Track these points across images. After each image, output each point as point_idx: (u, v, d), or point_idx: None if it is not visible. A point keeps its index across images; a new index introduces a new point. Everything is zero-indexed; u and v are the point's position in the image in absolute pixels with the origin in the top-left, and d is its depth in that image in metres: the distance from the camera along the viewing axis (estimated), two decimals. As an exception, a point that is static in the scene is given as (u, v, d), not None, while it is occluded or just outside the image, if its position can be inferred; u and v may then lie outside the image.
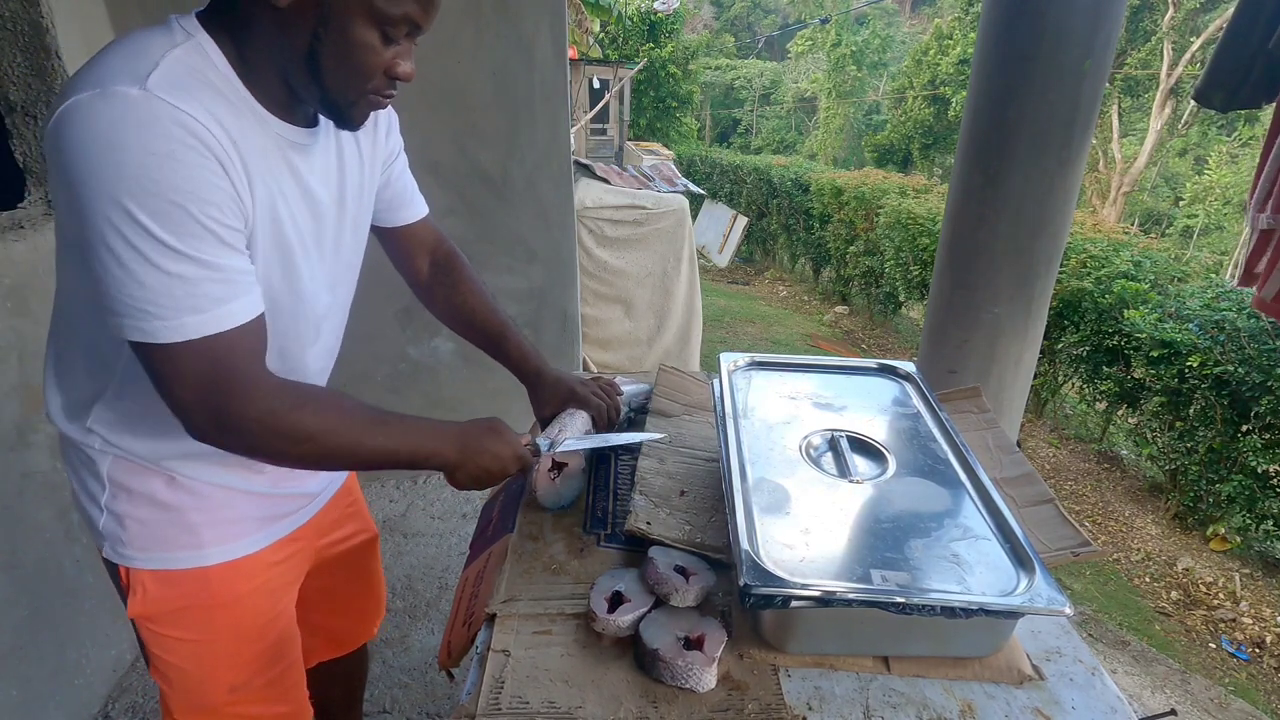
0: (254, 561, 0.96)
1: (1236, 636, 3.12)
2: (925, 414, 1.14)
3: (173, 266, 0.68)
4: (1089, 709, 0.80)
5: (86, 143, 0.65)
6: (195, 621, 0.93)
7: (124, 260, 0.66)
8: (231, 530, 0.93)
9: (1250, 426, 3.56)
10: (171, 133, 0.66)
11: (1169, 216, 15.29)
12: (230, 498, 0.93)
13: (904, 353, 7.04)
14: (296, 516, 1.04)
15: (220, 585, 0.93)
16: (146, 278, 0.67)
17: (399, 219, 1.12)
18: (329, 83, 0.76)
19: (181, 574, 0.90)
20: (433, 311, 1.22)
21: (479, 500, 2.80)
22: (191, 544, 0.90)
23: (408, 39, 0.78)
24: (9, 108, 1.73)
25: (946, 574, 0.81)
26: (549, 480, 1.06)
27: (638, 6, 16.94)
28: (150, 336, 0.69)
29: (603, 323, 3.85)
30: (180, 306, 0.69)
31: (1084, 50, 2.02)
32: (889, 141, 17.49)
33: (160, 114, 0.66)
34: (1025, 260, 2.25)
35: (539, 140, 2.54)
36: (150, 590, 0.90)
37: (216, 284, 0.71)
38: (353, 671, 1.42)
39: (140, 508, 0.88)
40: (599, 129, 15.62)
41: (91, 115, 0.65)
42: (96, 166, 0.65)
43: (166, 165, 0.66)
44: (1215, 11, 11.71)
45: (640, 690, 0.78)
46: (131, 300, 0.68)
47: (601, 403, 1.16)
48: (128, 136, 0.65)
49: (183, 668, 0.95)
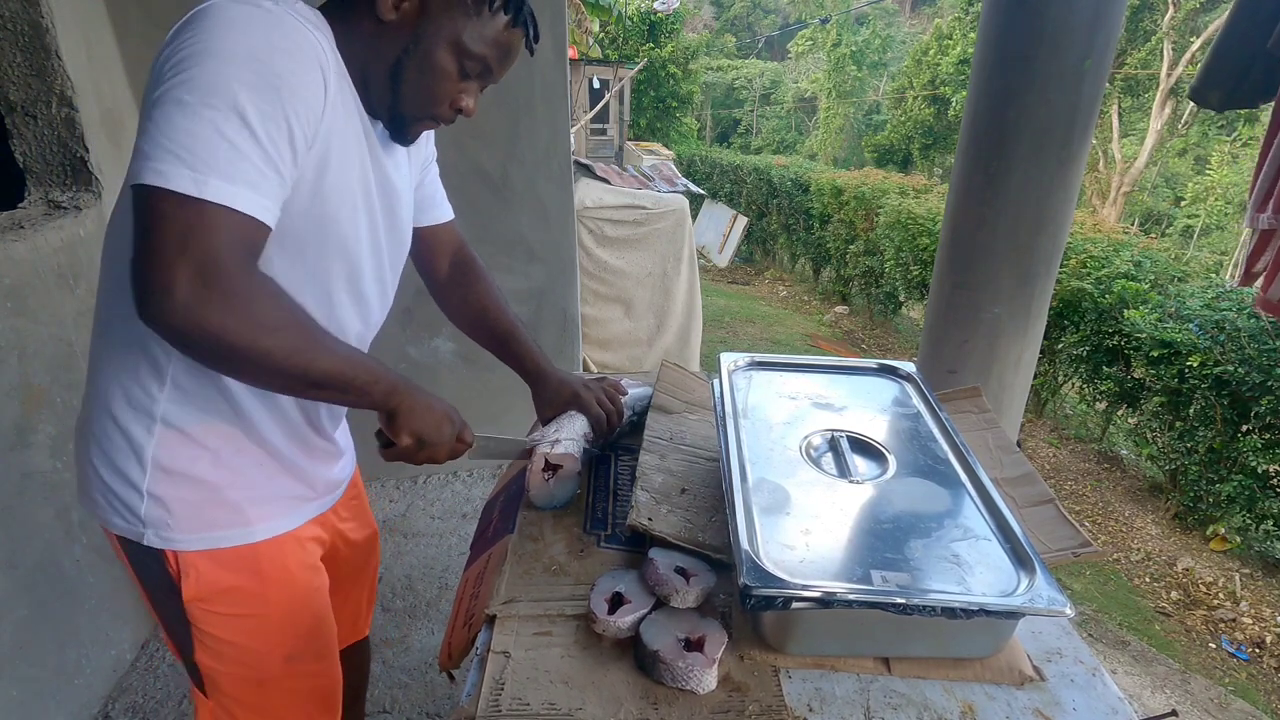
0: (295, 538, 0.99)
1: (1236, 636, 3.12)
2: (925, 414, 1.14)
3: (234, 134, 0.68)
4: (1090, 710, 0.80)
5: (213, 24, 0.69)
6: (250, 598, 0.94)
7: (193, 112, 0.66)
8: (272, 508, 0.95)
9: (1250, 426, 3.56)
10: (293, 36, 0.72)
11: (1169, 216, 15.28)
12: (269, 475, 0.94)
13: (904, 353, 7.04)
14: (323, 501, 1.06)
15: (270, 561, 0.95)
16: (199, 129, 0.66)
17: (426, 220, 1.16)
18: (404, 94, 0.85)
19: (232, 552, 0.91)
20: (445, 311, 1.25)
21: (479, 500, 2.80)
22: (239, 521, 0.91)
23: (479, 79, 0.89)
24: (9, 108, 1.73)
25: (947, 575, 0.81)
26: (542, 480, 1.06)
27: (638, 6, 16.94)
28: (167, 181, 0.65)
29: (603, 323, 3.85)
30: (215, 167, 0.67)
31: (1084, 50, 2.02)
32: (889, 141, 17.48)
33: (292, 25, 0.73)
34: (1025, 260, 2.25)
35: (539, 140, 2.54)
36: (204, 571, 0.90)
37: (259, 172, 0.70)
38: (358, 666, 1.42)
39: (184, 489, 0.88)
40: (599, 129, 15.61)
41: (228, 10, 0.70)
42: (214, 38, 0.68)
43: (280, 55, 0.71)
44: (1215, 11, 11.70)
45: (640, 691, 0.78)
46: (169, 144, 0.66)
47: (602, 411, 1.18)
48: (254, 26, 0.70)
49: (239, 643, 0.96)
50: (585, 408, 1.17)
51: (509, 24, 0.85)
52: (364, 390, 0.83)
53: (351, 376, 0.81)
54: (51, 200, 1.80)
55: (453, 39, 0.82)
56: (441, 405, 0.93)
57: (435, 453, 0.93)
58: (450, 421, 0.94)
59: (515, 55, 0.89)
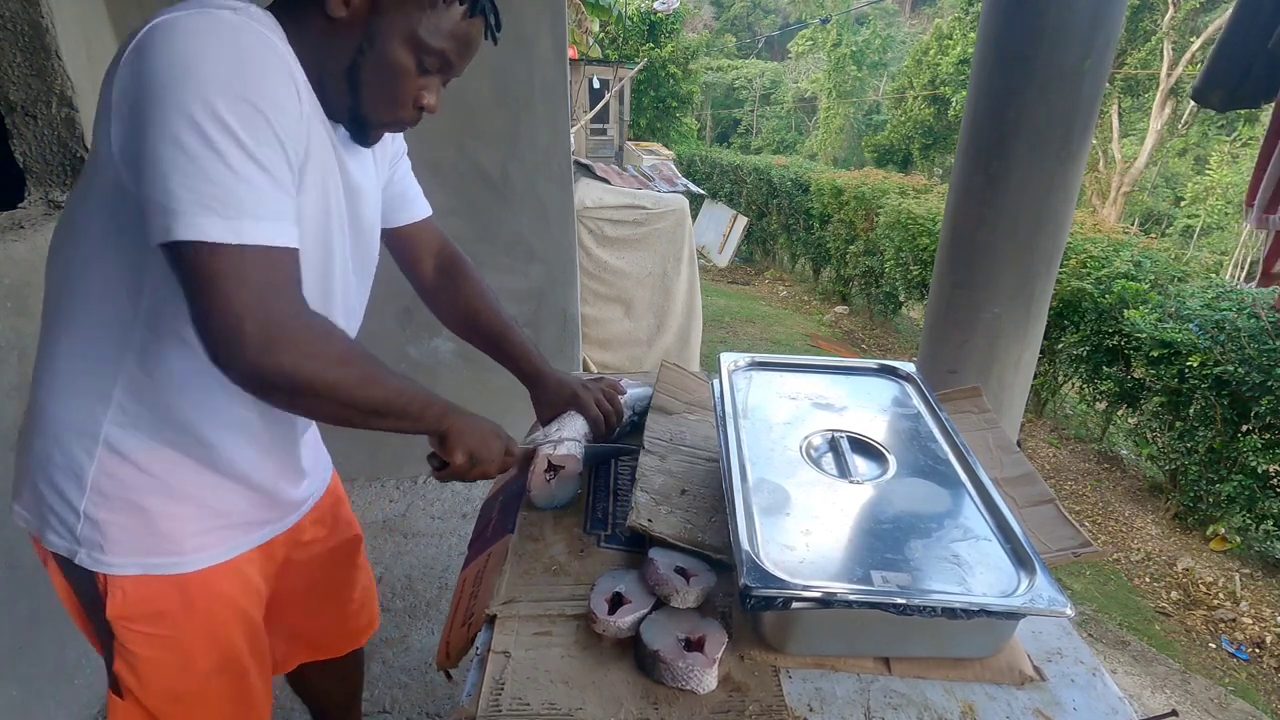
0: (232, 565, 0.96)
1: (1236, 636, 3.12)
2: (926, 415, 1.14)
3: (243, 168, 0.68)
4: (1090, 710, 0.80)
5: (182, 48, 0.66)
6: (172, 620, 0.93)
7: (194, 154, 0.66)
8: (214, 537, 0.93)
9: (1250, 426, 3.56)
10: (262, 50, 0.70)
11: (1169, 216, 15.27)
12: (221, 501, 0.92)
13: (904, 353, 7.04)
14: (278, 525, 1.04)
15: (199, 589, 0.93)
16: (215, 173, 0.66)
17: (401, 219, 1.13)
18: (364, 95, 0.82)
19: (161, 579, 0.90)
20: (436, 314, 1.23)
21: (479, 500, 2.80)
22: (173, 550, 0.89)
23: (440, 75, 0.85)
24: (9, 108, 1.73)
25: (947, 575, 0.81)
26: (544, 481, 1.06)
27: (638, 6, 16.93)
28: (206, 235, 0.66)
29: (603, 323, 3.85)
30: (243, 209, 0.68)
31: (1084, 50, 2.02)
32: (889, 141, 17.48)
33: (254, 31, 0.70)
34: (1025, 260, 2.25)
35: (539, 140, 2.54)
36: (129, 594, 0.89)
37: (275, 200, 0.71)
38: (348, 673, 1.40)
39: (121, 514, 0.86)
40: (599, 129, 15.61)
41: (189, 24, 0.67)
42: (186, 67, 0.66)
43: (255, 72, 0.69)
44: (1215, 11, 11.70)
45: (641, 691, 0.78)
46: (194, 196, 0.66)
47: (600, 412, 1.17)
48: (223, 45, 0.68)
49: (156, 659, 0.94)
50: (584, 408, 1.16)
51: (466, 14, 0.82)
52: (420, 415, 0.85)
53: (408, 403, 0.83)
54: (51, 200, 1.80)
55: (408, 34, 0.79)
56: (489, 423, 0.95)
57: (487, 469, 0.94)
58: (498, 437, 0.96)
59: (476, 46, 0.86)
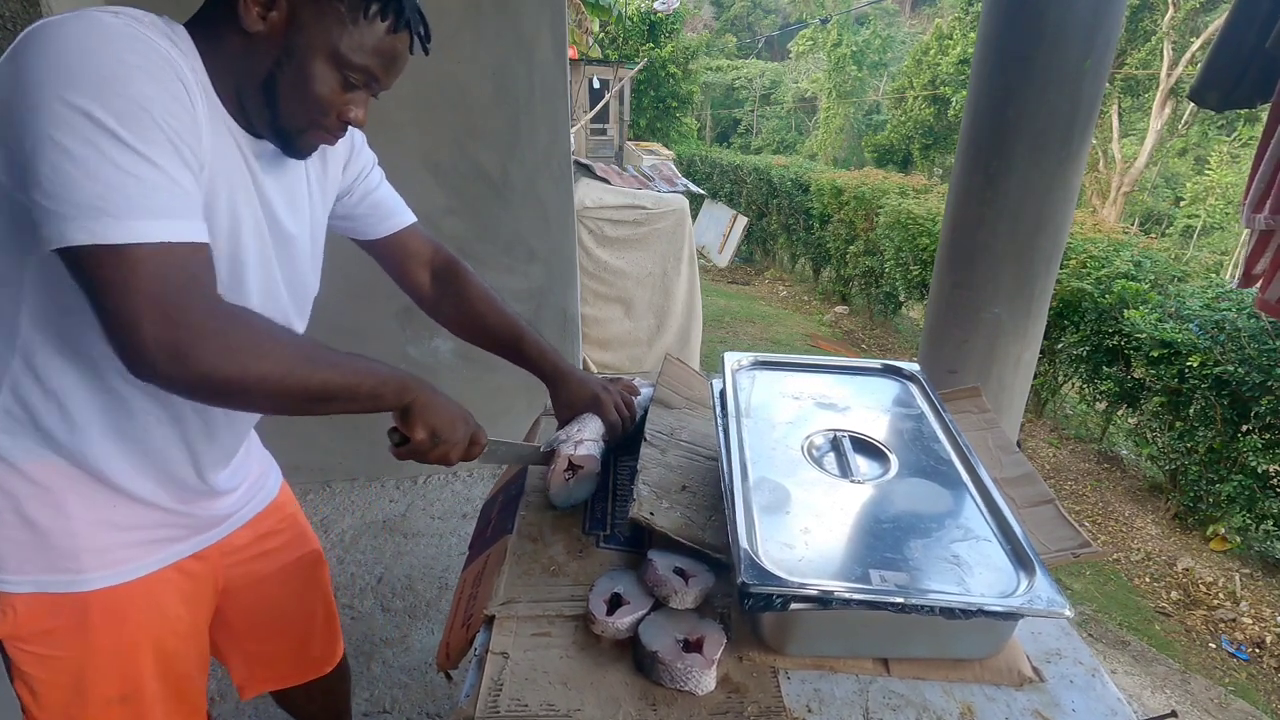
0: (145, 584, 0.91)
1: (1236, 636, 3.12)
2: (929, 415, 1.14)
3: (130, 165, 0.65)
4: (1089, 711, 0.79)
5: (56, 49, 0.64)
6: (67, 641, 0.87)
7: (78, 156, 0.63)
8: (115, 555, 0.87)
9: (1250, 426, 3.56)
10: (142, 50, 0.67)
11: (1169, 216, 15.27)
12: (121, 516, 0.87)
13: (904, 353, 7.04)
14: (203, 537, 0.99)
15: (101, 609, 0.87)
16: (102, 173, 0.63)
17: (382, 230, 1.11)
18: (281, 109, 0.79)
19: (56, 598, 0.84)
20: (443, 324, 1.20)
21: (479, 500, 2.80)
22: (70, 568, 0.84)
23: (366, 89, 0.82)
24: (8, 108, 1.72)
25: (946, 575, 0.80)
26: (564, 480, 1.06)
27: (638, 6, 16.92)
28: (99, 237, 0.63)
29: (603, 323, 3.85)
30: (134, 207, 0.65)
31: (1084, 50, 2.02)
32: (889, 141, 17.47)
33: (137, 36, 0.67)
34: (1025, 260, 2.25)
35: (539, 140, 2.54)
36: (20, 612, 0.83)
37: (170, 195, 0.67)
38: (332, 688, 1.35)
39: (11, 529, 0.81)
40: (599, 129, 15.61)
41: (66, 28, 0.65)
42: (62, 68, 0.63)
43: (137, 74, 0.66)
44: (1215, 12, 11.69)
45: (639, 692, 0.78)
46: (82, 199, 0.63)
47: (618, 419, 1.15)
48: (99, 45, 0.65)
49: (52, 681, 0.88)
50: (604, 412, 1.14)
51: (390, 29, 0.79)
52: (374, 394, 0.82)
53: (356, 384, 0.79)
54: None
55: (328, 50, 0.76)
56: (457, 405, 0.93)
57: (448, 451, 0.91)
58: (464, 422, 0.93)
59: (403, 61, 0.83)
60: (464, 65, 2.39)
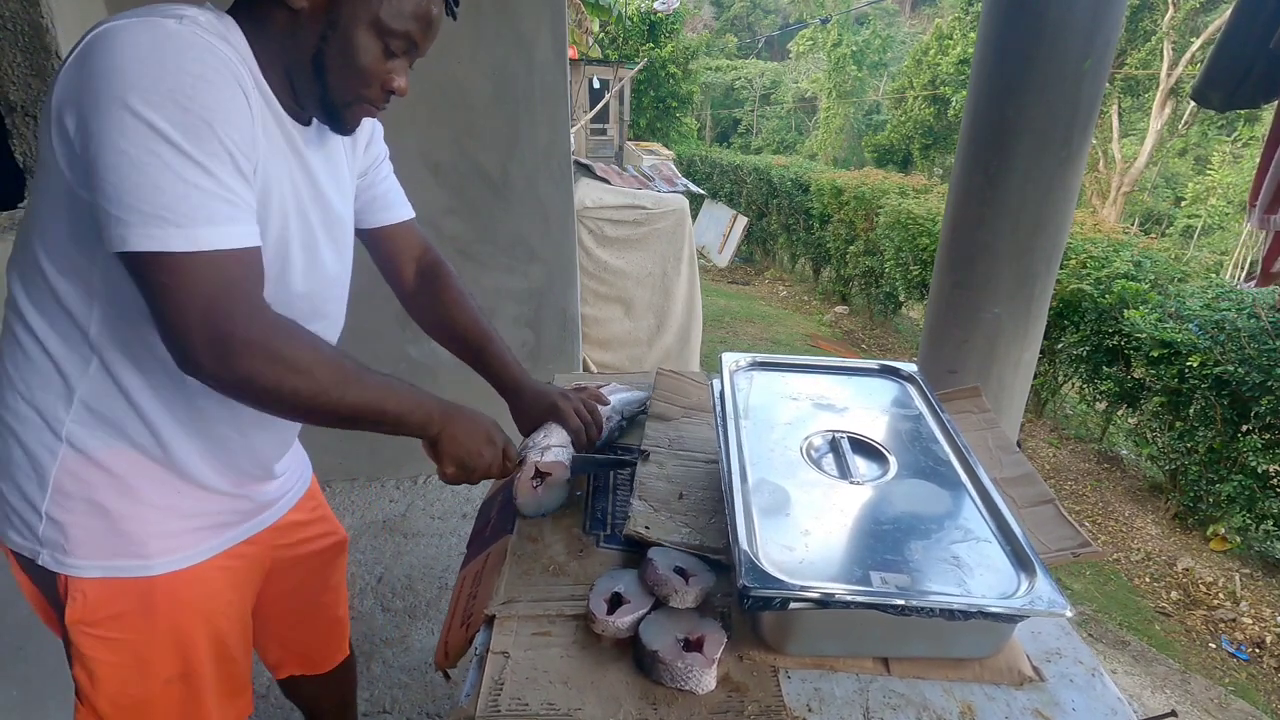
0: (201, 569, 0.95)
1: (1236, 636, 3.12)
2: (927, 415, 1.14)
3: (190, 175, 0.69)
4: (1089, 710, 0.80)
5: (124, 56, 0.67)
6: (134, 625, 0.91)
7: (142, 164, 0.67)
8: (179, 540, 0.92)
9: (1250, 426, 3.56)
10: (206, 59, 0.70)
11: (1169, 216, 15.26)
12: (184, 502, 0.91)
13: (904, 353, 7.04)
14: (253, 523, 1.03)
15: (165, 594, 0.91)
16: (164, 182, 0.68)
17: (381, 220, 1.14)
18: (331, 82, 0.82)
19: (124, 582, 0.88)
20: (417, 320, 1.23)
21: (479, 500, 2.80)
22: (137, 554, 0.88)
23: (405, 56, 0.86)
24: (9, 108, 1.73)
25: (946, 576, 0.81)
26: (531, 488, 1.04)
27: (638, 6, 16.92)
28: (163, 244, 0.68)
29: (603, 323, 3.85)
30: (195, 216, 0.69)
31: (1084, 50, 2.02)
32: (889, 141, 17.47)
33: (198, 43, 0.71)
34: (1025, 260, 2.25)
35: (539, 140, 2.54)
36: (90, 597, 0.87)
37: (228, 204, 0.72)
38: (341, 678, 1.39)
39: (84, 515, 0.85)
40: (599, 129, 15.61)
41: (132, 33, 0.68)
42: (128, 75, 0.67)
43: (199, 84, 0.69)
44: (1215, 12, 11.69)
45: (639, 691, 0.78)
46: (146, 206, 0.67)
47: (580, 423, 1.15)
48: (165, 55, 0.68)
49: (115, 663, 0.92)
50: (564, 419, 1.14)
51: None
52: (400, 420, 0.85)
53: (384, 409, 0.83)
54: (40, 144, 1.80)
55: (371, 18, 0.79)
56: (483, 428, 0.95)
57: (486, 472, 0.95)
58: (491, 444, 0.95)
59: (438, 25, 0.86)
60: (464, 65, 2.39)
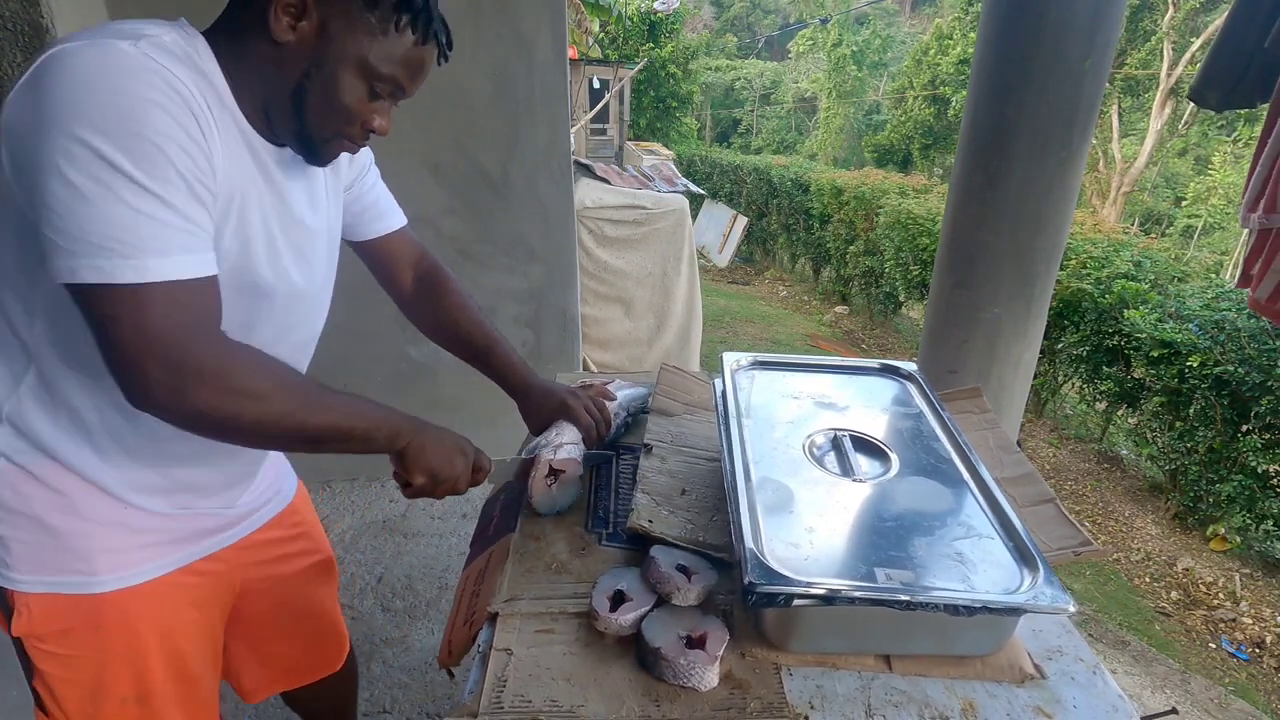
0: (154, 585, 0.91)
1: (1236, 636, 3.12)
2: (928, 414, 1.14)
3: (142, 204, 0.66)
4: (1090, 707, 0.80)
5: (72, 80, 0.64)
6: (83, 641, 0.88)
7: (89, 194, 0.64)
8: (128, 557, 0.88)
9: (1250, 426, 3.57)
10: (158, 84, 0.67)
11: (1169, 216, 15.27)
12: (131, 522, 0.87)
13: (904, 353, 7.04)
14: (215, 540, 0.99)
15: (113, 610, 0.88)
16: (113, 212, 0.64)
17: (374, 231, 1.12)
18: (308, 119, 0.80)
19: (70, 598, 0.85)
20: (418, 325, 1.21)
21: (479, 500, 2.80)
22: (83, 570, 0.85)
23: (390, 98, 0.84)
24: (10, 107, 1.72)
25: (950, 572, 0.81)
26: (545, 486, 1.05)
27: (638, 6, 16.93)
28: (109, 276, 0.65)
29: (603, 323, 3.85)
30: (145, 246, 0.66)
31: (1084, 50, 2.02)
32: (889, 141, 17.48)
33: (150, 68, 0.67)
34: (1025, 260, 2.26)
35: (539, 140, 2.54)
36: (35, 612, 0.85)
37: (182, 232, 0.69)
38: (340, 686, 1.37)
39: (24, 530, 0.82)
40: (599, 129, 15.62)
41: (81, 58, 0.65)
42: (77, 102, 0.64)
43: (151, 110, 0.66)
44: (1215, 12, 11.69)
45: (642, 689, 0.78)
46: (92, 237, 0.64)
47: (591, 420, 1.15)
48: (115, 80, 0.65)
49: (66, 678, 0.89)
50: (574, 417, 1.14)
51: (419, 40, 0.80)
52: (367, 438, 0.83)
53: (349, 427, 0.81)
54: None
55: (358, 60, 0.77)
56: (452, 439, 0.93)
57: (454, 485, 0.92)
58: (462, 454, 0.93)
59: (428, 70, 0.85)
60: (464, 65, 2.39)
